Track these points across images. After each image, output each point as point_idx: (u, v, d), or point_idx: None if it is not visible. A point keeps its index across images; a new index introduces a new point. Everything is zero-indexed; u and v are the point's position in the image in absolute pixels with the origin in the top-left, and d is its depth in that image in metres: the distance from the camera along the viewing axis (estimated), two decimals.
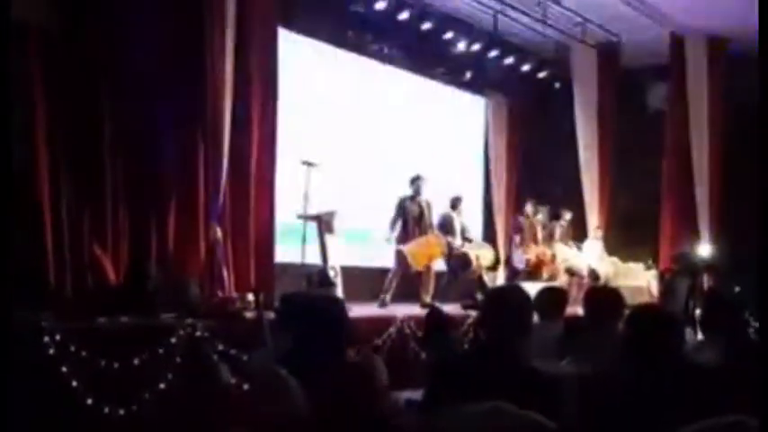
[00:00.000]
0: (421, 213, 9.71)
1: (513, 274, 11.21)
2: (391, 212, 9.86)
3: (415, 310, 8.88)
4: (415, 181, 9.85)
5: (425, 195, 9.88)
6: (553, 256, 11.36)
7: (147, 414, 5.70)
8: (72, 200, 6.35)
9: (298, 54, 10.15)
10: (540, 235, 11.70)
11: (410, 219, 9.61)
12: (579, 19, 11.72)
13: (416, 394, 4.30)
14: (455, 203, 10.63)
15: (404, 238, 9.60)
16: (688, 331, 5.96)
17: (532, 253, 11.19)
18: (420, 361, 7.64)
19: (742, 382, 3.21)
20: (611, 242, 12.72)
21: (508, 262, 11.35)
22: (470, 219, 12.32)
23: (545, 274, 11.33)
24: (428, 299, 9.67)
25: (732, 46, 12.43)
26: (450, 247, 10.14)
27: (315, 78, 10.78)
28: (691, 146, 12.53)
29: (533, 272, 11.18)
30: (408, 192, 9.84)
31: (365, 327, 7.63)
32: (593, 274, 11.78)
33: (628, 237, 12.98)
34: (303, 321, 3.59)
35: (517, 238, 11.54)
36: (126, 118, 6.93)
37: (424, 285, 9.75)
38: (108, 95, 6.79)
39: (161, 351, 5.87)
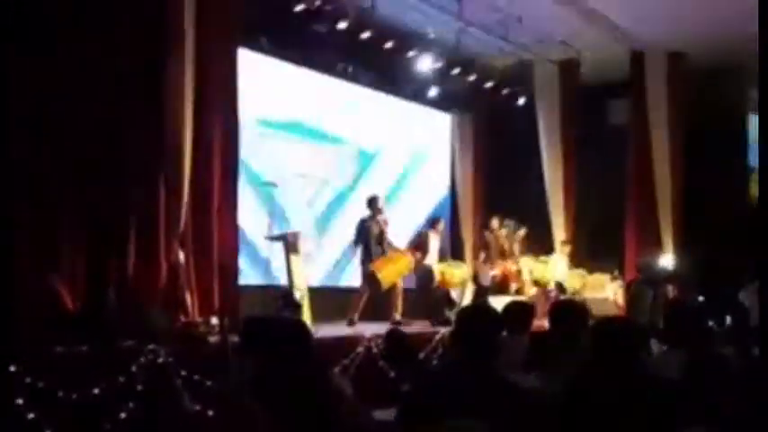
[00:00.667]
0: (381, 232, 9.71)
1: (480, 289, 11.20)
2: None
3: (385, 328, 8.80)
4: (372, 201, 9.86)
5: (384, 214, 9.91)
6: (519, 271, 11.37)
7: None
8: (27, 225, 6.21)
9: (260, 73, 10.13)
10: (507, 249, 11.70)
11: (371, 239, 9.62)
12: (540, 36, 11.81)
13: (385, 414, 4.26)
14: (434, 223, 10.73)
15: (367, 258, 9.59)
16: (653, 342, 6.00)
17: (498, 268, 11.21)
18: (389, 380, 7.59)
19: (704, 393, 3.20)
20: (577, 254, 12.78)
21: (475, 278, 11.34)
22: None
23: (513, 288, 11.33)
24: (398, 316, 9.65)
25: (690, 61, 12.61)
26: (418, 263, 10.16)
27: (278, 97, 10.77)
28: (652, 158, 12.72)
29: (501, 287, 11.19)
30: (366, 213, 9.85)
31: (333, 347, 7.56)
32: (560, 287, 11.81)
33: (593, 249, 13.07)
34: (266, 345, 3.53)
35: (482, 255, 11.54)
36: (83, 140, 6.80)
37: (393, 303, 9.73)
38: (64, 117, 6.66)
39: (122, 379, 5.72)
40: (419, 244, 10.45)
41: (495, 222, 11.83)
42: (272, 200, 8.52)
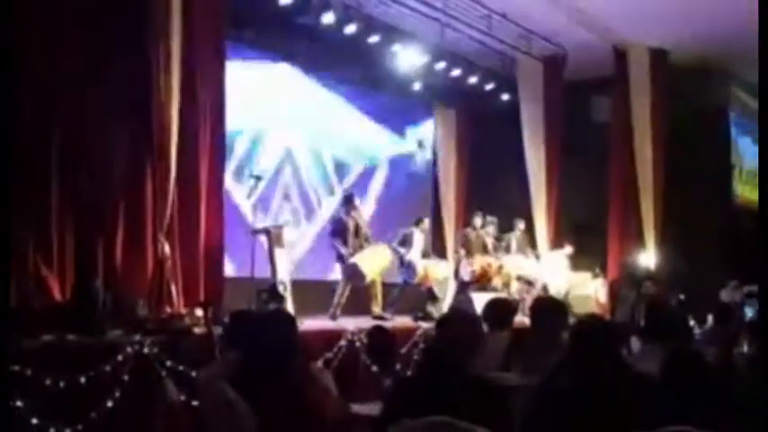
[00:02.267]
0: (357, 227, 9.76)
1: (462, 285, 11.26)
2: None
3: (367, 322, 8.85)
4: (348, 198, 9.95)
5: (359, 211, 9.98)
6: (500, 267, 11.42)
7: None
8: (16, 216, 6.23)
9: (245, 67, 10.18)
10: (490, 246, 11.74)
11: (349, 234, 9.66)
12: (524, 32, 11.89)
13: (367, 408, 4.32)
14: (418, 221, 10.79)
15: (346, 252, 9.61)
16: (634, 340, 6.09)
17: (477, 264, 11.24)
18: (371, 373, 7.66)
19: (681, 391, 3.28)
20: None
21: (456, 274, 11.38)
22: None
23: (496, 284, 11.38)
24: (378, 310, 9.69)
25: (673, 58, 12.73)
26: (401, 258, 10.22)
27: (264, 92, 10.82)
28: (635, 156, 12.78)
29: (481, 282, 11.24)
30: (342, 209, 9.93)
31: (316, 340, 7.62)
32: (544, 288, 11.86)
33: (576, 246, 13.15)
34: (252, 339, 3.58)
35: (463, 251, 11.55)
36: (72, 134, 6.85)
37: (374, 297, 9.77)
38: (54, 112, 6.70)
39: (108, 369, 5.79)
40: (404, 240, 10.51)
41: (477, 220, 11.85)
42: (257, 192, 8.57)
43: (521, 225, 12.40)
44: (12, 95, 4.27)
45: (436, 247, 12.56)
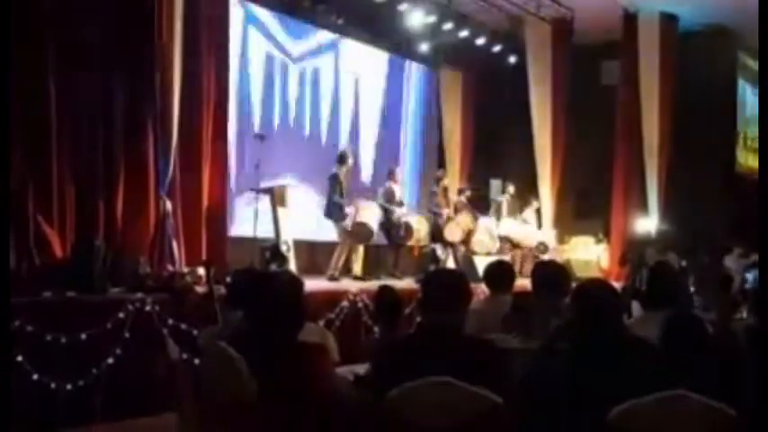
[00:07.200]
0: (346, 185, 9.77)
1: (455, 246, 11.17)
2: None
3: (366, 284, 8.83)
4: (344, 157, 9.89)
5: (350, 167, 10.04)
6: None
7: (95, 389, 5.66)
8: (17, 173, 6.20)
9: (249, 22, 10.09)
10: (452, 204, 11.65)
11: (343, 189, 9.64)
12: None
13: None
14: (390, 173, 10.73)
15: (342, 211, 9.60)
16: (635, 305, 6.07)
17: (464, 224, 11.15)
18: (373, 334, 7.67)
19: (680, 356, 3.27)
20: (563, 216, 12.86)
21: (435, 235, 11.21)
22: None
23: (477, 246, 11.30)
24: (359, 270, 9.71)
25: (682, 23, 12.59)
26: (388, 216, 10.19)
27: (266, 49, 10.73)
28: (641, 120, 12.69)
29: (466, 242, 11.21)
30: (339, 168, 9.83)
31: (318, 300, 7.63)
32: (543, 246, 11.83)
33: (580, 210, 13.11)
34: (255, 299, 3.55)
35: (448, 211, 11.41)
36: (74, 90, 6.79)
37: (355, 258, 9.77)
38: (55, 67, 6.63)
39: (109, 326, 5.81)
40: (388, 196, 10.44)
41: (446, 181, 11.80)
42: (260, 151, 8.51)
43: (510, 189, 12.38)
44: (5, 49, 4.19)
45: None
